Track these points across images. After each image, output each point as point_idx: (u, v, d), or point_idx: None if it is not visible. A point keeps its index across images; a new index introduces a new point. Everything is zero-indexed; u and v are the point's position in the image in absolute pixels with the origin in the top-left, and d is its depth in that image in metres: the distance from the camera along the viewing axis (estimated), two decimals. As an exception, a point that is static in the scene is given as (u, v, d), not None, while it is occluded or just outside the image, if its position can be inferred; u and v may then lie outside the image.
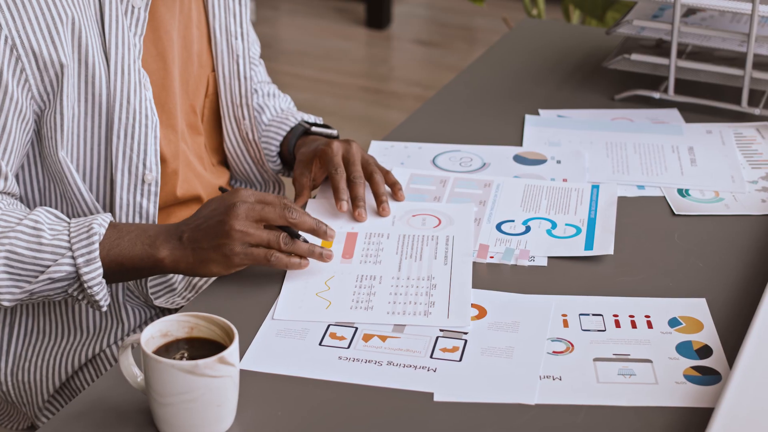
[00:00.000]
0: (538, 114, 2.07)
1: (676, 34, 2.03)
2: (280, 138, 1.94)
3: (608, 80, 2.20)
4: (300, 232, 1.57)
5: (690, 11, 2.17)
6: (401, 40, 5.07)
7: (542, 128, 2.01)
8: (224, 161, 1.92)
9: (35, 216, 1.51)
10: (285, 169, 1.97)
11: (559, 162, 1.88)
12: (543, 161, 1.89)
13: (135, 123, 1.60)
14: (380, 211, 1.71)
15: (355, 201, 1.72)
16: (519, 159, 1.90)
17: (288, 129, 1.95)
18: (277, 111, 2.00)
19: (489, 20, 5.02)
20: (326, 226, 1.57)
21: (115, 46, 1.58)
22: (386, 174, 1.78)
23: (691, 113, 2.07)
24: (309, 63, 4.79)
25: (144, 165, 1.63)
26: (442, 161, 1.89)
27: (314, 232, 1.56)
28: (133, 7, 1.60)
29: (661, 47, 2.21)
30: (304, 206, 1.75)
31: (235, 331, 1.27)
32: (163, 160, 1.70)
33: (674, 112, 2.07)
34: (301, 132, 1.93)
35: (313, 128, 1.94)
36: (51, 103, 1.55)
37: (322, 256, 1.55)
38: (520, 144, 1.96)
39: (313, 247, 1.55)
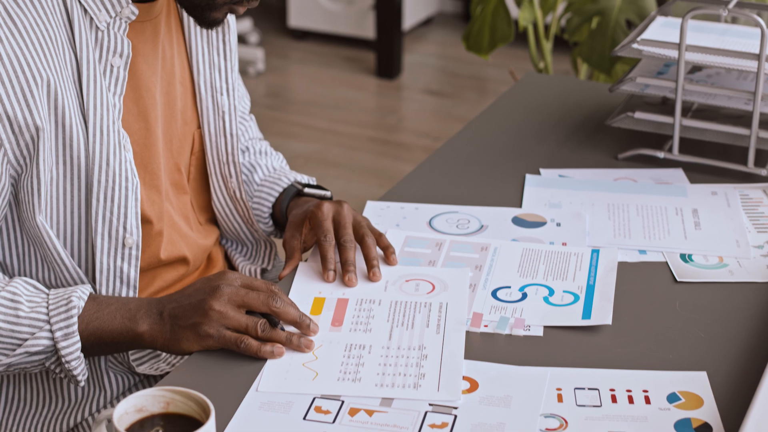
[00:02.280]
0: (539, 173, 2.02)
1: (681, 92, 1.98)
2: (272, 199, 1.90)
3: (612, 138, 2.15)
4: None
5: (696, 68, 2.13)
6: (411, 90, 5.05)
7: (543, 188, 1.96)
8: (213, 219, 1.87)
9: (13, 287, 1.47)
10: (277, 230, 1.93)
11: (559, 225, 1.83)
12: (542, 224, 1.84)
13: (115, 185, 1.56)
14: (371, 276, 1.67)
15: (345, 266, 1.67)
16: (518, 221, 1.85)
17: (280, 190, 1.90)
18: (270, 170, 1.95)
19: (499, 70, 4.99)
20: (310, 320, 1.53)
21: (93, 107, 1.54)
22: (379, 237, 1.73)
23: (697, 173, 2.02)
24: (318, 113, 4.76)
25: (124, 228, 1.59)
26: (438, 223, 1.84)
27: (297, 325, 1.52)
28: (112, 66, 1.56)
29: (666, 104, 2.17)
30: (294, 269, 1.70)
31: (212, 407, 1.23)
32: (147, 222, 1.65)
33: (679, 172, 2.02)
34: (294, 193, 1.89)
35: (306, 189, 1.89)
36: (27, 166, 1.51)
37: (301, 347, 1.50)
38: (520, 204, 1.91)
39: (291, 335, 1.50)
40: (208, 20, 1.60)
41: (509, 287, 1.65)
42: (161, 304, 1.51)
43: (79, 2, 1.54)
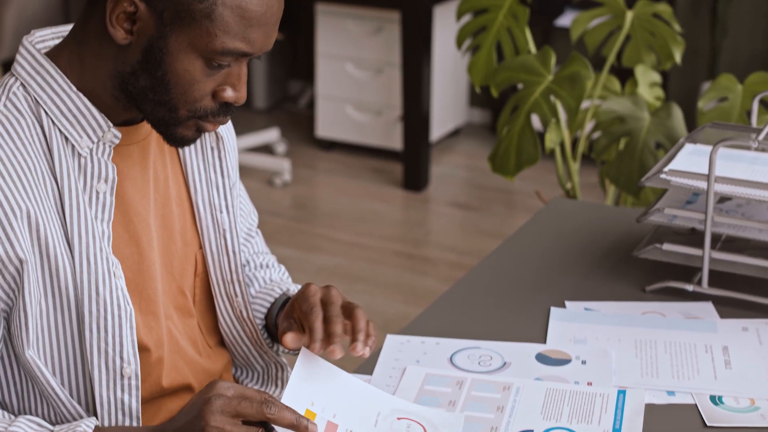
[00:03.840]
0: (564, 306, 1.97)
1: (710, 224, 1.93)
2: (265, 310, 1.85)
3: (639, 269, 2.10)
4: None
5: (725, 197, 2.08)
6: (438, 202, 5.02)
7: (568, 323, 1.91)
8: (223, 342, 1.83)
9: (16, 427, 1.44)
10: (274, 343, 1.87)
11: (584, 362, 1.78)
12: (567, 361, 1.78)
13: (107, 314, 1.53)
14: (351, 348, 1.58)
15: (330, 337, 1.59)
16: (542, 358, 1.79)
17: (272, 300, 1.86)
18: (266, 282, 1.91)
19: (527, 182, 4.96)
20: (307, 420, 1.46)
21: (78, 235, 1.51)
22: (367, 323, 1.65)
23: (727, 307, 1.96)
24: (343, 225, 4.73)
25: (121, 358, 1.55)
26: (460, 359, 1.79)
27: (294, 428, 1.46)
28: (97, 192, 1.54)
29: (695, 233, 2.12)
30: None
31: None
32: (145, 349, 1.61)
33: (708, 306, 1.97)
34: (283, 301, 1.83)
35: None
36: (16, 300, 1.48)
37: None
38: (544, 340, 1.85)
39: None
40: (176, 137, 1.56)
41: (532, 431, 1.59)
42: (163, 428, 1.46)
43: (59, 130, 1.52)
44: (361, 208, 4.92)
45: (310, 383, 1.59)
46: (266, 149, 5.49)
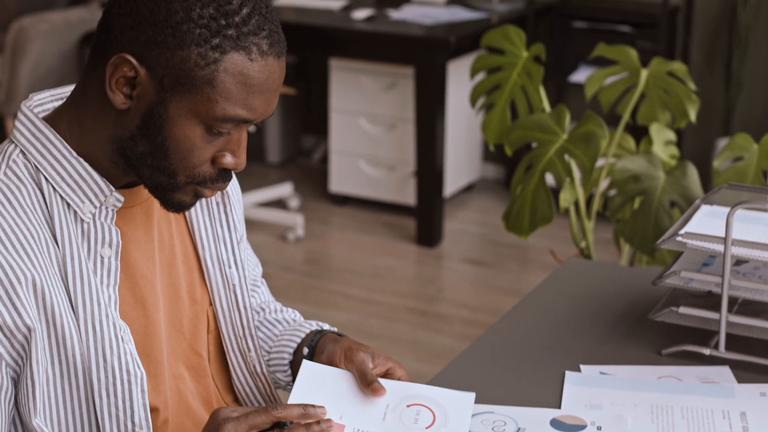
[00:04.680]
0: (579, 369, 1.94)
1: (727, 287, 1.91)
2: (294, 345, 1.84)
3: (655, 331, 2.07)
4: None
5: (742, 259, 2.06)
6: (451, 258, 5.00)
7: (583, 387, 1.88)
8: (237, 399, 1.81)
9: None
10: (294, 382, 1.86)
11: (599, 428, 1.75)
12: (582, 427, 1.76)
13: (116, 380, 1.52)
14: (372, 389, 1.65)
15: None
16: (556, 424, 1.76)
17: (302, 336, 1.85)
18: (290, 322, 1.90)
19: (541, 238, 4.94)
20: (314, 407, 1.51)
21: (82, 302, 1.50)
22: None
23: (744, 371, 1.93)
24: (356, 282, 4.71)
25: (132, 422, 1.55)
26: (474, 425, 1.76)
27: (304, 417, 1.50)
28: (102, 257, 1.53)
29: (712, 295, 2.09)
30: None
31: None
32: (153, 410, 1.61)
33: (725, 370, 1.94)
34: (318, 333, 1.82)
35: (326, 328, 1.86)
36: (23, 367, 1.47)
37: (325, 429, 1.51)
38: (559, 404, 1.83)
39: (311, 425, 1.50)
40: (174, 203, 1.55)
41: (547, 500, 1.56)
42: None
43: (60, 196, 1.51)
44: (374, 263, 4.91)
45: (313, 390, 1.62)
46: (279, 204, 5.49)
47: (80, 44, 5.78)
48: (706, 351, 1.97)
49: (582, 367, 1.96)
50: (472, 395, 1.64)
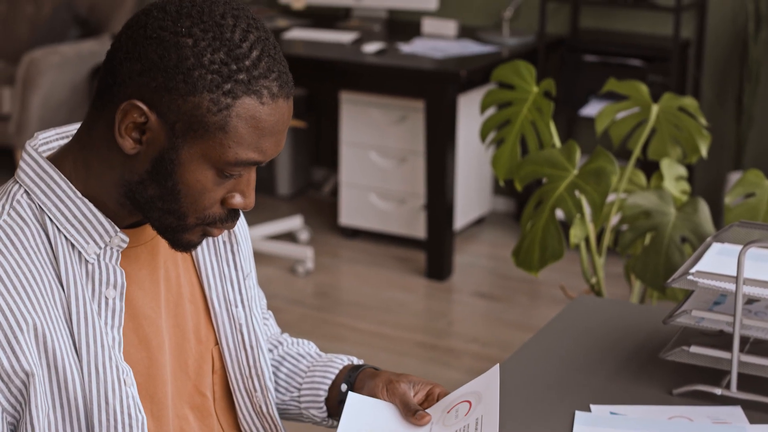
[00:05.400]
0: (589, 409, 1.92)
1: (738, 327, 1.89)
2: (329, 381, 1.83)
3: (666, 370, 2.05)
4: None
5: (753, 298, 2.04)
6: (461, 292, 4.98)
7: (593, 428, 1.86)
8: None
9: None
10: (329, 418, 1.83)
11: (610, 470, 1.73)
12: (592, 468, 1.74)
13: (117, 424, 1.51)
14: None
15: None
16: (566, 465, 1.75)
17: (336, 371, 1.83)
18: (313, 356, 1.89)
19: (551, 273, 4.92)
20: None
21: (86, 344, 1.49)
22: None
23: (757, 412, 1.91)
24: (366, 315, 4.70)
25: None
26: (482, 466, 1.75)
27: None
28: (106, 298, 1.52)
29: (723, 334, 2.08)
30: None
31: None
32: None
33: (737, 411, 1.92)
34: (355, 369, 1.82)
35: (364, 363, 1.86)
36: (22, 413, 1.46)
37: None
38: (569, 445, 1.81)
39: None
40: (182, 243, 1.54)
41: None
42: None
43: (65, 237, 1.50)
44: (384, 297, 4.89)
45: (359, 422, 1.67)
46: (289, 237, 5.48)
47: (91, 77, 5.80)
48: (718, 391, 1.95)
49: (592, 406, 1.94)
50: (496, 367, 1.72)
